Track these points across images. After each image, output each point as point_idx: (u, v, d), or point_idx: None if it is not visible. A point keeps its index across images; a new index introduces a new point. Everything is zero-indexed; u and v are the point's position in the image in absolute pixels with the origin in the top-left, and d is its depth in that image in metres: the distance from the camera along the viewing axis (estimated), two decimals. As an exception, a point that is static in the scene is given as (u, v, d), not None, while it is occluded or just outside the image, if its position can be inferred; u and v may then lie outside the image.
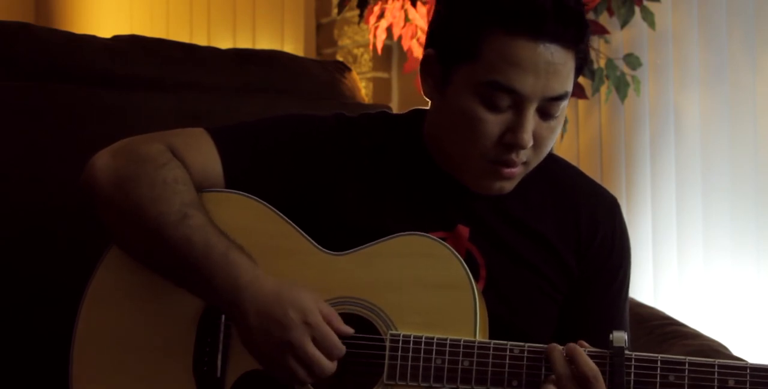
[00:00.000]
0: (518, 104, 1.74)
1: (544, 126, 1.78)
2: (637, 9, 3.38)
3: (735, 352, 2.27)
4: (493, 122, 1.76)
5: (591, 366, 1.65)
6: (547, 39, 1.71)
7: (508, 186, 1.84)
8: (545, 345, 1.70)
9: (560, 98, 1.76)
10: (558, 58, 1.72)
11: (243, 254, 1.75)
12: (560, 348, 1.68)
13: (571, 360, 1.67)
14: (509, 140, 1.76)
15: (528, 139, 1.76)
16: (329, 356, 1.70)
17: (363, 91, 2.90)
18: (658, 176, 3.52)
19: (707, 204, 3.40)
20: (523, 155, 1.79)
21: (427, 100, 1.88)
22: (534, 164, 1.83)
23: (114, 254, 1.86)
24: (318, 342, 1.69)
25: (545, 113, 1.77)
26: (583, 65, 1.79)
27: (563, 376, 1.66)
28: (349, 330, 1.72)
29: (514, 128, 1.76)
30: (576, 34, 1.74)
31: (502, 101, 1.74)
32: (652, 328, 2.44)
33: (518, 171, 1.82)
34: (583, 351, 1.67)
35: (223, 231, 1.77)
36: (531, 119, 1.76)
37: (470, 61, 1.75)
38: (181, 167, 1.82)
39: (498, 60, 1.72)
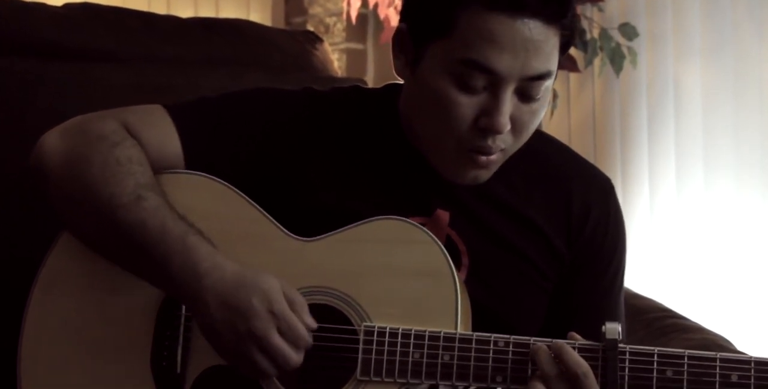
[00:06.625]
0: (494, 84, 1.73)
1: (524, 109, 1.77)
2: (633, -26, 3.39)
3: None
4: (467, 105, 1.75)
5: (580, 363, 1.66)
6: (527, 14, 1.70)
7: (485, 175, 1.83)
8: (532, 338, 1.70)
9: (541, 77, 1.75)
10: (538, 35, 1.71)
11: (202, 239, 1.74)
12: (545, 347, 1.69)
13: (558, 358, 1.67)
14: (484, 125, 1.75)
15: (504, 123, 1.74)
16: (295, 346, 1.70)
17: (335, 64, 2.91)
18: (656, 155, 3.53)
19: (710, 186, 3.41)
20: (501, 141, 1.78)
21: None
22: (513, 150, 1.82)
23: (65, 241, 1.86)
24: (284, 332, 1.69)
25: (525, 94, 1.76)
26: (569, 42, 1.78)
27: (551, 376, 1.66)
28: (312, 324, 1.72)
29: (489, 111, 1.74)
30: (558, 8, 1.73)
31: (477, 82, 1.73)
32: (649, 321, 2.44)
33: (495, 159, 1.80)
34: (570, 347, 1.68)
35: (182, 215, 1.77)
36: (508, 102, 1.74)
37: (444, 37, 1.74)
38: (137, 146, 1.82)
39: (474, 36, 1.71)
